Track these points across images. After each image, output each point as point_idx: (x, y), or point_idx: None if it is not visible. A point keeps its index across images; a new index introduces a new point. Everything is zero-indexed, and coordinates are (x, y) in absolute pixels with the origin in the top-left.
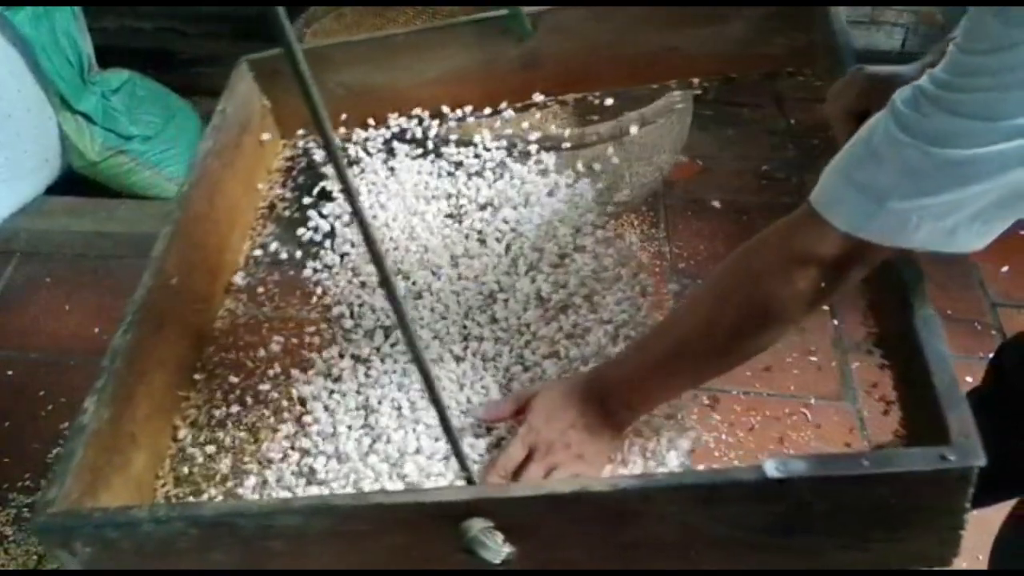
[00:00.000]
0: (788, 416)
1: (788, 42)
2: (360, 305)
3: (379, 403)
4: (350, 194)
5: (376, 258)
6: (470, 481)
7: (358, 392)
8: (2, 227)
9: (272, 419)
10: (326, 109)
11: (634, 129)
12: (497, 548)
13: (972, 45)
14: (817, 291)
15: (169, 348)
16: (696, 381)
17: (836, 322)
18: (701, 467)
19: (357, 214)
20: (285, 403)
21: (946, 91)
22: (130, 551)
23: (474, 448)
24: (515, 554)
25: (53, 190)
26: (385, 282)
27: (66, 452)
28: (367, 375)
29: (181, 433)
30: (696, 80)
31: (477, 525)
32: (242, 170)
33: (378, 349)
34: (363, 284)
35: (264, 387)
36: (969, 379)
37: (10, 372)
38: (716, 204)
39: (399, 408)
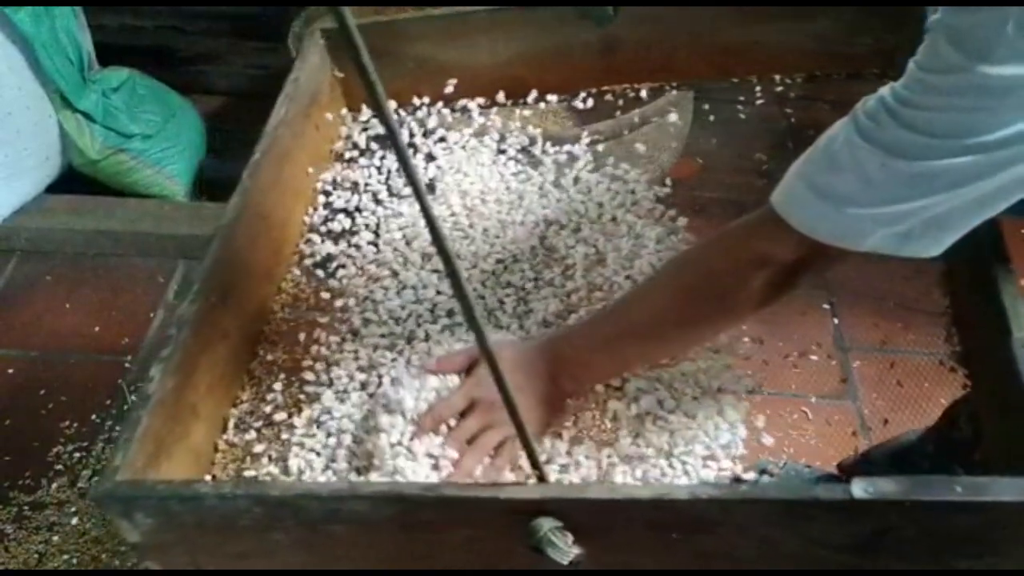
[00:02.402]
0: (789, 415)
1: (875, 43)
2: (396, 292)
3: (404, 392)
4: (411, 176)
5: (436, 237)
6: (542, 479)
7: (380, 378)
8: (2, 225)
9: (306, 404)
10: (396, 82)
11: (635, 127)
12: (566, 549)
13: (927, 63)
14: (770, 290)
15: (232, 319)
16: (642, 363)
17: (836, 321)
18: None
19: (418, 196)
20: (316, 389)
21: (903, 106)
22: (191, 525)
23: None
24: (583, 556)
25: (53, 188)
26: (447, 263)
27: (131, 420)
28: (392, 362)
29: (237, 408)
30: (777, 76)
31: (547, 524)
32: (310, 141)
33: (409, 340)
34: (401, 264)
35: (304, 370)
36: (961, 374)
37: (11, 370)
38: (716, 203)
39: (422, 399)
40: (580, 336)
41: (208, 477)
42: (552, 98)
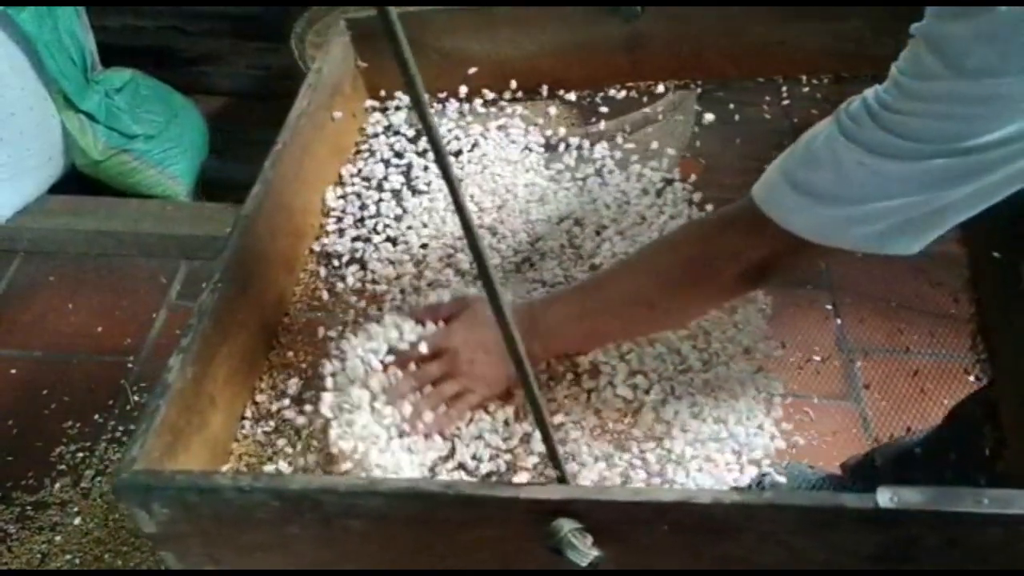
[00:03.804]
0: (792, 416)
1: (904, 45)
2: (413, 289)
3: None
4: (446, 171)
5: (467, 228)
6: (563, 480)
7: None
8: (5, 226)
9: (322, 401)
10: (419, 75)
11: (637, 128)
12: (586, 551)
13: (908, 69)
14: (745, 281)
15: (251, 310)
16: (614, 340)
17: (839, 321)
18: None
19: (453, 192)
20: (331, 383)
21: (884, 110)
22: (208, 517)
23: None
24: (602, 558)
25: (56, 189)
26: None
27: (150, 409)
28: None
29: (254, 400)
30: (804, 77)
31: (567, 526)
32: (331, 133)
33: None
34: (420, 260)
35: (321, 365)
36: (972, 378)
37: (13, 371)
38: (715, 203)
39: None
40: (557, 306)
41: (224, 469)
42: (577, 94)
